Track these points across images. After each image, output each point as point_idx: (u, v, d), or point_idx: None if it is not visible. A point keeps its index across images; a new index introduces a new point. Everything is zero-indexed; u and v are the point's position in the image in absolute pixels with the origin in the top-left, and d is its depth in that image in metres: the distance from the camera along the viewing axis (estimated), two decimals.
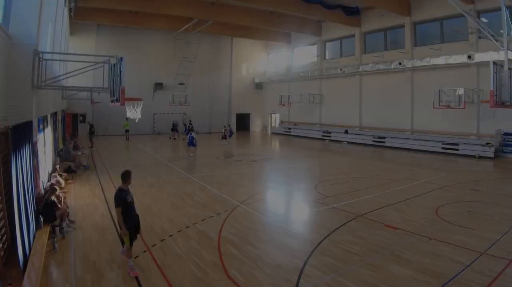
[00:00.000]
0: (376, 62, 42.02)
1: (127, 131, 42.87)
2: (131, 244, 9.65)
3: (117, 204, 9.65)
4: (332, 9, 40.54)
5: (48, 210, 11.98)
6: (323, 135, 47.93)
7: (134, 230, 9.84)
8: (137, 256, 10.32)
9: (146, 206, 15.74)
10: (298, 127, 54.75)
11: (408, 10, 39.01)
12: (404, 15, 38.99)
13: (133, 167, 25.51)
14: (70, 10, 34.75)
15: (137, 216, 10.16)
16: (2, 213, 9.01)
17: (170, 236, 12.17)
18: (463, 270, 9.44)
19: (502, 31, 19.90)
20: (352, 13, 42.80)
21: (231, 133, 42.46)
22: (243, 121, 62.66)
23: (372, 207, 15.88)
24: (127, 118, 38.73)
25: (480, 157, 31.22)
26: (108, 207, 15.39)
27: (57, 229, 11.96)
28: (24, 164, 10.18)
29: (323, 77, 51.15)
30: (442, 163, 29.82)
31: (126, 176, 10.10)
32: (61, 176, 18.79)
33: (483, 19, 30.84)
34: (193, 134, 31.38)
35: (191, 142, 30.93)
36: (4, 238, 9.06)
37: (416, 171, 25.65)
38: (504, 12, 19.37)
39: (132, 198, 10.08)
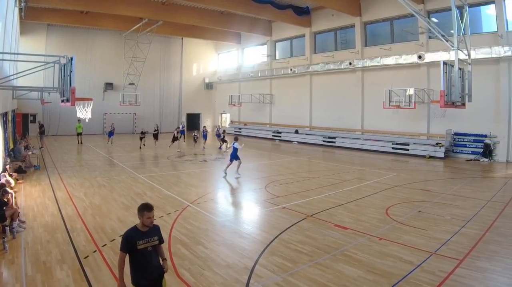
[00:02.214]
0: (326, 62, 42.55)
1: (79, 134, 40.37)
2: None
3: (120, 246, 6.78)
4: (283, 9, 40.87)
5: None
6: (273, 135, 48.13)
7: None
8: (87, 256, 10.27)
9: (96, 206, 15.82)
10: (249, 127, 54.92)
11: (359, 10, 39.55)
12: (354, 15, 39.52)
13: (83, 167, 25.91)
14: (20, 10, 34.13)
15: (158, 269, 6.99)
16: None
17: (120, 236, 11.74)
18: (413, 270, 9.53)
19: (452, 31, 20.29)
20: (303, 13, 43.13)
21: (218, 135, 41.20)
22: (193, 121, 62.53)
23: (322, 207, 15.96)
24: (79, 120, 37.66)
25: (430, 157, 31.87)
26: (58, 207, 15.42)
27: (7, 229, 11.78)
28: None
29: (273, 77, 51.57)
30: (393, 163, 30.31)
31: (142, 210, 6.70)
32: (11, 175, 18.45)
33: (434, 19, 31.50)
34: (236, 144, 23.43)
35: (234, 156, 23.96)
36: None
37: (366, 171, 25.94)
38: (454, 12, 19.76)
39: (152, 244, 6.76)
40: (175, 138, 35.49)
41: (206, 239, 12.01)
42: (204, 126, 42.11)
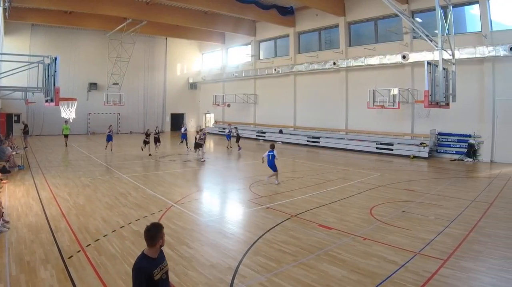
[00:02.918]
0: (310, 62, 42.68)
1: (66, 136, 38.47)
2: None
3: (134, 283, 5.51)
4: (267, 9, 40.82)
5: None
6: (257, 135, 48.17)
7: None
8: (71, 256, 10.21)
9: (80, 205, 15.78)
10: (233, 127, 54.42)
11: (343, 10, 39.71)
12: (338, 15, 39.69)
13: (67, 167, 25.88)
14: (4, 10, 33.87)
15: None
16: None
17: (104, 236, 12.01)
18: (397, 270, 9.54)
19: (436, 31, 20.42)
20: (287, 13, 43.03)
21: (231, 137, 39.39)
22: (177, 121, 62.30)
23: (306, 207, 15.97)
24: (66, 121, 37.05)
25: (414, 157, 32.05)
26: (43, 207, 15.37)
27: None
28: None
29: (257, 77, 51.70)
30: (377, 163, 30.37)
31: (153, 234, 5.73)
32: None
33: (418, 19, 31.71)
34: (275, 152, 21.63)
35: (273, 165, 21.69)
36: None
37: (350, 171, 25.98)
38: (439, 12, 19.89)
39: (165, 270, 5.84)
40: (198, 145, 30.27)
41: (190, 239, 11.96)
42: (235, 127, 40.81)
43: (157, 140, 33.94)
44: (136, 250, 10.71)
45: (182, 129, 37.07)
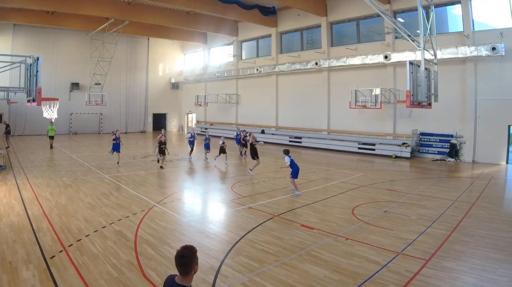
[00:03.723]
0: (292, 62, 42.67)
1: (51, 137, 36.23)
2: None
3: None
4: (249, 9, 40.99)
5: None
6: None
7: None
8: (53, 256, 10.18)
9: (62, 205, 15.76)
10: (215, 127, 54.56)
11: (325, 10, 39.79)
12: (320, 15, 39.77)
13: (49, 167, 25.83)
14: None
15: None
16: None
17: (86, 236, 12.00)
18: (379, 270, 9.56)
19: (418, 31, 20.50)
20: (269, 13, 43.22)
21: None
22: (159, 121, 62.64)
23: (288, 207, 16.03)
24: (51, 122, 36.17)
25: (396, 157, 32.22)
26: (25, 207, 15.34)
27: None
28: None
29: (239, 77, 51.68)
30: (359, 163, 30.47)
31: (187, 261, 4.93)
32: None
33: (400, 19, 31.85)
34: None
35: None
36: None
37: (332, 171, 26.08)
38: (421, 12, 19.98)
39: None
40: (222, 150, 28.11)
41: (173, 239, 11.96)
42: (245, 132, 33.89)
43: (162, 152, 26.51)
44: (118, 250, 10.81)
45: (188, 135, 31.41)
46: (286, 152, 19.16)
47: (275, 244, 11.50)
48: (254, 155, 25.11)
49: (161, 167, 25.83)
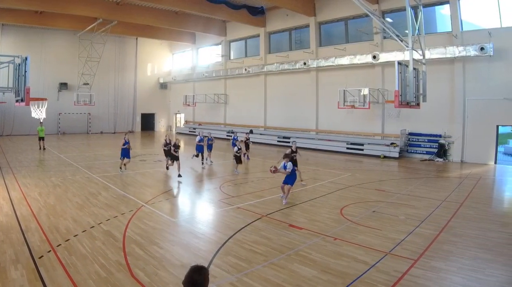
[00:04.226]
0: (281, 62, 42.74)
1: (41, 139, 35.16)
2: None
3: None
4: (237, 9, 41.09)
5: None
6: (227, 135, 47.80)
7: None
8: (41, 256, 10.17)
9: (51, 205, 15.72)
10: (203, 127, 54.29)
11: (313, 10, 39.86)
12: (309, 15, 39.83)
13: (38, 167, 25.85)
14: None
15: None
16: None
17: (75, 236, 11.98)
18: (368, 270, 9.57)
19: (407, 31, 20.52)
20: (257, 13, 43.35)
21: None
22: (148, 121, 63.10)
23: (277, 207, 16.00)
24: (41, 123, 35.90)
25: (385, 157, 32.34)
26: (13, 207, 15.33)
27: None
28: None
29: (228, 77, 51.78)
30: (347, 163, 30.51)
31: (199, 283, 4.43)
32: None
33: (388, 19, 31.91)
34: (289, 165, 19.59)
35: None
36: None
37: (321, 171, 26.07)
38: (409, 12, 20.00)
39: None
40: (238, 159, 25.27)
41: (161, 239, 11.98)
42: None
43: (172, 157, 23.69)
44: (107, 250, 10.82)
45: (197, 139, 27.50)
46: (291, 159, 18.10)
47: (263, 244, 11.50)
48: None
49: (167, 168, 24.59)
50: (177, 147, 23.32)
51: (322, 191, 19.34)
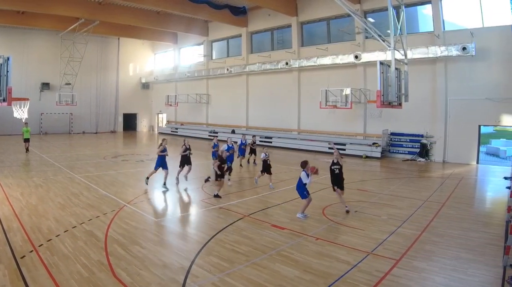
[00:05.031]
0: (263, 62, 42.85)
1: (26, 140, 33.49)
2: None
3: None
4: (219, 9, 41.10)
5: None
6: (210, 135, 47.75)
7: None
8: (23, 256, 10.16)
9: (33, 205, 15.68)
10: (185, 127, 54.81)
11: (295, 10, 39.96)
12: (291, 15, 39.92)
13: (19, 167, 25.66)
14: None
15: None
16: None
17: (57, 236, 11.96)
18: (350, 270, 9.59)
19: (389, 31, 20.61)
20: (239, 13, 43.41)
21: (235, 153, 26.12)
22: (130, 121, 63.14)
23: (259, 207, 16.07)
24: (26, 123, 34.14)
25: (367, 157, 32.51)
26: None
27: None
28: None
29: (210, 77, 51.81)
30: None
31: None
32: None
33: (370, 19, 31.98)
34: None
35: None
36: None
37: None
38: (391, 12, 20.07)
39: None
40: (266, 167, 20.98)
41: (143, 239, 11.98)
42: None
43: (186, 162, 21.56)
44: (89, 250, 10.83)
45: (224, 148, 20.86)
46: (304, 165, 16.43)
47: (245, 244, 11.51)
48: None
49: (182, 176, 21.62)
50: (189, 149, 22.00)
51: None
